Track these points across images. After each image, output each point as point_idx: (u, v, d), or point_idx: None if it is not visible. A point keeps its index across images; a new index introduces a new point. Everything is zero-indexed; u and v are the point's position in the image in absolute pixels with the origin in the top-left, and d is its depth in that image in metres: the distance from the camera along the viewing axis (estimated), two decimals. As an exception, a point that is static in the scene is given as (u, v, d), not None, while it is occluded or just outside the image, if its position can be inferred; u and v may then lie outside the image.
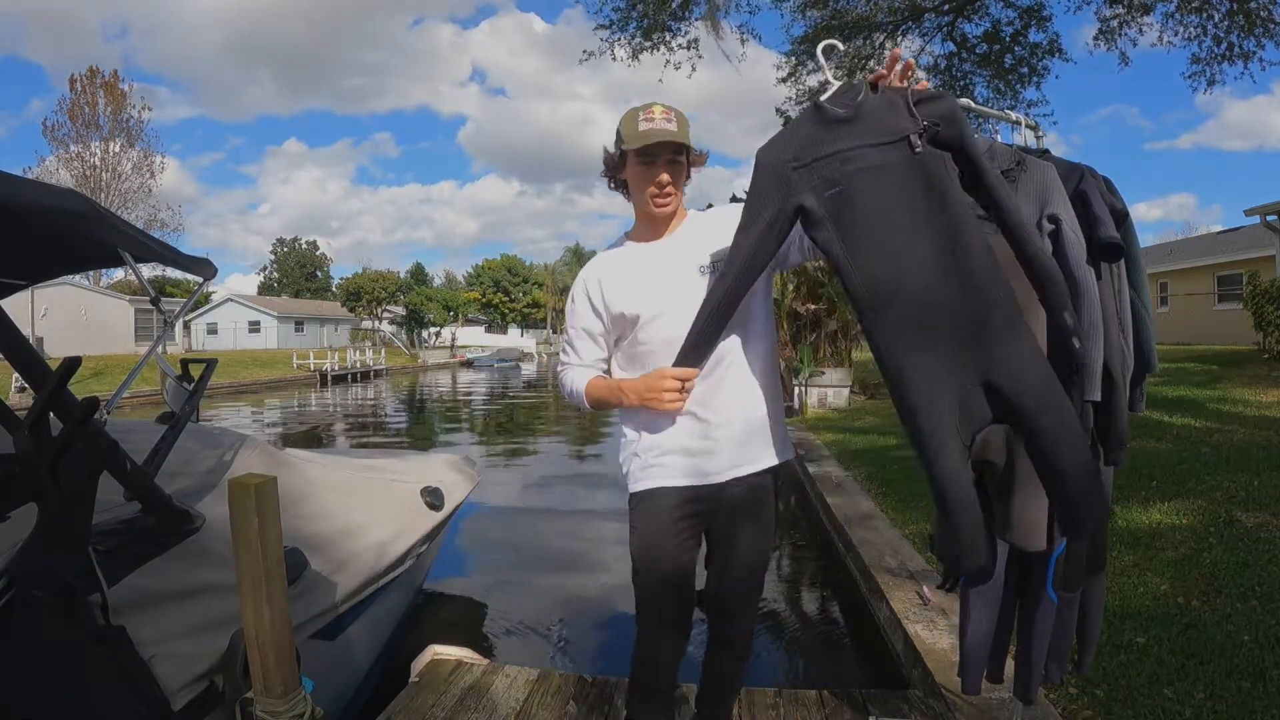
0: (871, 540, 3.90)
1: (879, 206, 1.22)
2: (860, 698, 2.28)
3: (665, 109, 1.51)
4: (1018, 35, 10.49)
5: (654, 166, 1.51)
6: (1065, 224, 1.47)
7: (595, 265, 1.67)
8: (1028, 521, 1.49)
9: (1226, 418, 5.76)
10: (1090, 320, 1.44)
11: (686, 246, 1.59)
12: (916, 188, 1.21)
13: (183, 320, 18.55)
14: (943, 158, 1.23)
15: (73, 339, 23.00)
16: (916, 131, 1.21)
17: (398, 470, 3.46)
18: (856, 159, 1.23)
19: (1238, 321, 12.95)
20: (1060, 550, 1.60)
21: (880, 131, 1.22)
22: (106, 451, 1.60)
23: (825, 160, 1.25)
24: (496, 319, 64.02)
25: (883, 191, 1.22)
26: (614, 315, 1.59)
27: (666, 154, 1.51)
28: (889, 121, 1.23)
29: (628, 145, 1.51)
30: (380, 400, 20.57)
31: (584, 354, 1.66)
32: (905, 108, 1.23)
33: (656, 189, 1.53)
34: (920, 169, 1.21)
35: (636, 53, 10.97)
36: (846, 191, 1.23)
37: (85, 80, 35.29)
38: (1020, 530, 1.50)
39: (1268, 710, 1.93)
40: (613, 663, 3.07)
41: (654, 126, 1.48)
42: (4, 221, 1.43)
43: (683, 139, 1.49)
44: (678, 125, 1.50)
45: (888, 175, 1.22)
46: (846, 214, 1.23)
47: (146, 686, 1.55)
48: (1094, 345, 1.44)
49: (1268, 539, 3.08)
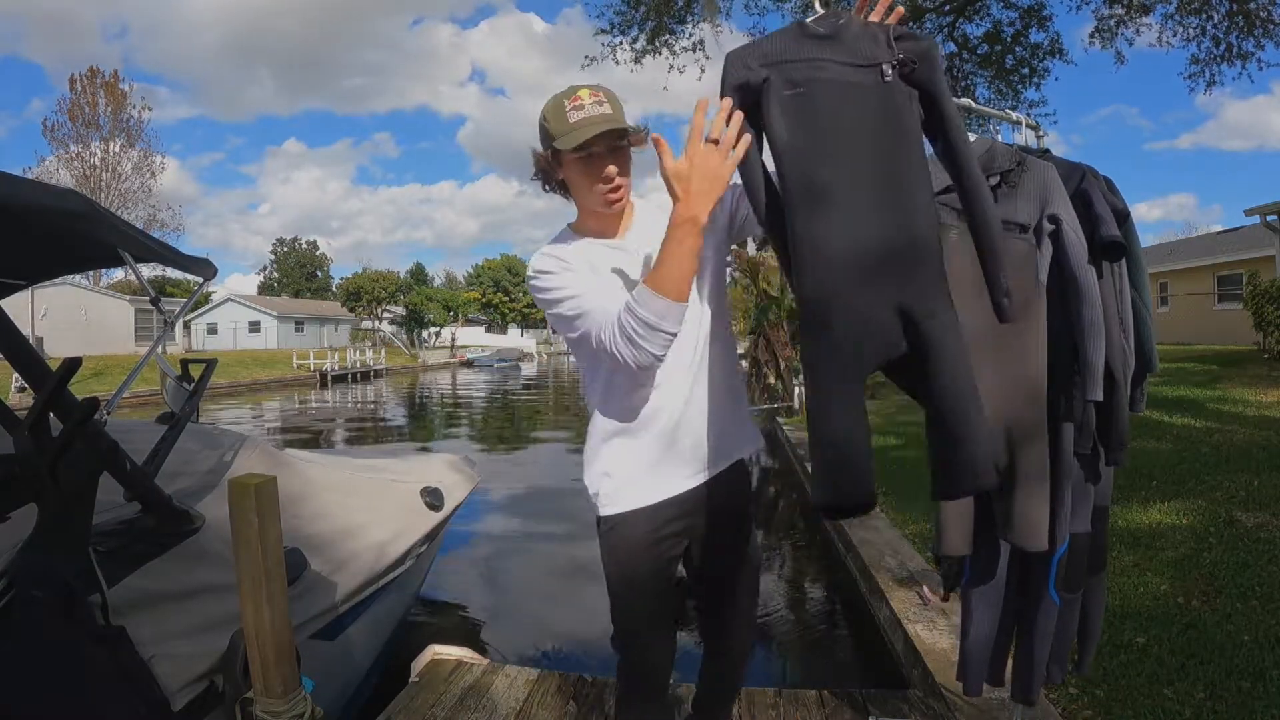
0: (871, 540, 3.90)
1: (835, 118, 1.20)
2: (860, 698, 2.28)
3: (593, 90, 1.31)
4: (1018, 36, 10.50)
5: (596, 161, 1.31)
6: (1066, 224, 1.48)
7: (555, 251, 1.39)
8: (1029, 521, 1.49)
9: (1226, 418, 5.76)
10: (1090, 319, 1.44)
11: (641, 251, 1.39)
12: (876, 115, 1.20)
13: (183, 320, 18.54)
14: (910, 94, 1.22)
15: (73, 339, 23.00)
16: (890, 62, 1.20)
17: (397, 470, 3.46)
18: (825, 70, 1.22)
19: (1238, 321, 12.95)
20: (1062, 551, 1.60)
21: (854, 54, 1.22)
22: (106, 452, 1.60)
23: (794, 64, 1.22)
24: (496, 319, 64.01)
25: (843, 107, 1.21)
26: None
27: (607, 143, 1.29)
28: (865, 48, 1.23)
29: (560, 144, 1.28)
30: (380, 400, 20.56)
31: (602, 306, 1.30)
32: (884, 40, 1.23)
33: (605, 184, 1.32)
34: (885, 99, 1.21)
35: (639, 57, 10.94)
36: (808, 94, 1.21)
37: (86, 80, 35.33)
38: (1021, 530, 1.50)
39: (1268, 710, 1.93)
40: (613, 662, 3.07)
41: (586, 115, 1.27)
42: (4, 221, 1.43)
43: (621, 122, 1.30)
44: (612, 108, 1.30)
45: (852, 94, 1.21)
46: (804, 113, 1.21)
47: (146, 686, 1.55)
48: (1095, 344, 1.45)
49: (1268, 539, 3.08)
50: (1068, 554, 1.60)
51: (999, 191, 1.56)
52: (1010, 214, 1.53)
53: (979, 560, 1.69)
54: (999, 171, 1.57)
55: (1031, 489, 1.49)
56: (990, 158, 1.59)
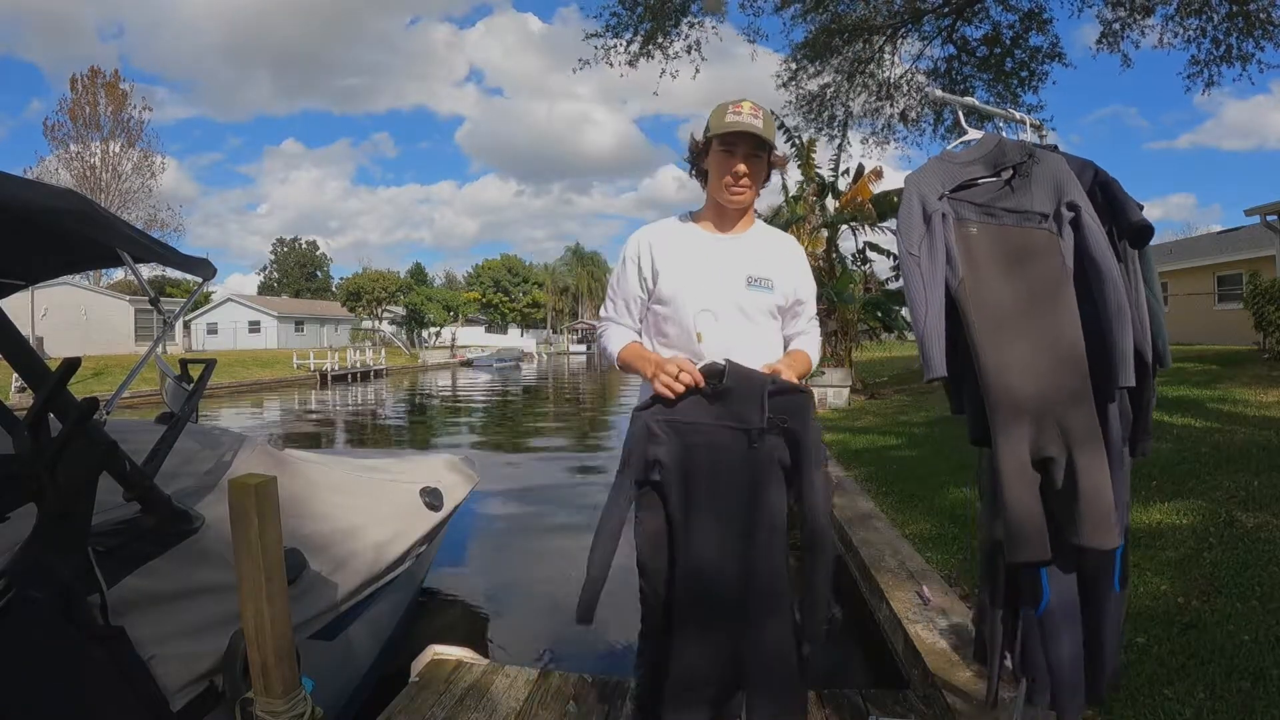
0: (871, 540, 3.90)
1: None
2: (860, 698, 2.27)
3: (754, 106, 1.57)
4: (1018, 39, 10.48)
5: (734, 156, 1.57)
6: (1084, 210, 1.48)
7: (652, 231, 1.71)
8: (1099, 516, 1.39)
9: (1226, 418, 5.76)
10: (1117, 303, 1.41)
11: (745, 252, 1.64)
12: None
13: (182, 320, 18.54)
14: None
15: (73, 339, 23.02)
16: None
17: (397, 470, 3.46)
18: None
19: (1238, 321, 12.94)
20: (1123, 544, 1.54)
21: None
22: (106, 451, 1.60)
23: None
24: (496, 319, 64.00)
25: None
26: (655, 283, 1.64)
27: (747, 146, 1.57)
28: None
29: (712, 132, 1.57)
30: (380, 400, 20.56)
31: (626, 315, 1.72)
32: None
33: (733, 178, 1.58)
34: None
35: (633, 60, 10.90)
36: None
37: (87, 80, 35.34)
38: (1092, 527, 1.39)
39: (1268, 710, 1.92)
40: (614, 662, 3.07)
41: (741, 119, 1.54)
42: (4, 221, 1.43)
43: (767, 135, 1.55)
44: (764, 123, 1.56)
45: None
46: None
47: (146, 687, 1.55)
48: (1122, 328, 1.41)
49: (1268, 539, 3.07)
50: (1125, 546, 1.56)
51: (1013, 183, 1.55)
52: (1028, 204, 1.52)
53: (1054, 575, 1.54)
54: (1010, 165, 1.57)
55: (1094, 479, 1.39)
56: (1000, 152, 1.59)
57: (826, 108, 12.02)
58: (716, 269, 1.62)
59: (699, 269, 1.62)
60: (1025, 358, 1.45)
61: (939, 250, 1.48)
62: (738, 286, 1.61)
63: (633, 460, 1.47)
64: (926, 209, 1.52)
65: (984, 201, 1.55)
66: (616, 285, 1.73)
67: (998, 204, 1.53)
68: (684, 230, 1.70)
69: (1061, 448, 1.43)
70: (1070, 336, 1.45)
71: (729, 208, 1.65)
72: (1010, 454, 1.42)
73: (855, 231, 13.20)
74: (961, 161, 1.61)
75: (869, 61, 11.37)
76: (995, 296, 1.48)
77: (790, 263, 1.70)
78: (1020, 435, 1.43)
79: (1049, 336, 1.46)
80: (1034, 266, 1.48)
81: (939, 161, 1.62)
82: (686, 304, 1.61)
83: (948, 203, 1.54)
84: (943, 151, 1.69)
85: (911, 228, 1.51)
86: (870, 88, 11.86)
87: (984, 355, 1.45)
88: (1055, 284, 1.47)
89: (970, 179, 1.58)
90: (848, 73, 11.44)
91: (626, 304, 1.71)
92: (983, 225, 1.54)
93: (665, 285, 1.63)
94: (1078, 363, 1.44)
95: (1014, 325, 1.47)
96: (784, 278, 1.66)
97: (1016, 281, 1.49)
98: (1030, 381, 1.44)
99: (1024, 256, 1.50)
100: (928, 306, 1.45)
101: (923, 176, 1.59)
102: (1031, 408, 1.43)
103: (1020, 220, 1.51)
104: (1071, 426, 1.43)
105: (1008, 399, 1.43)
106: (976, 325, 1.46)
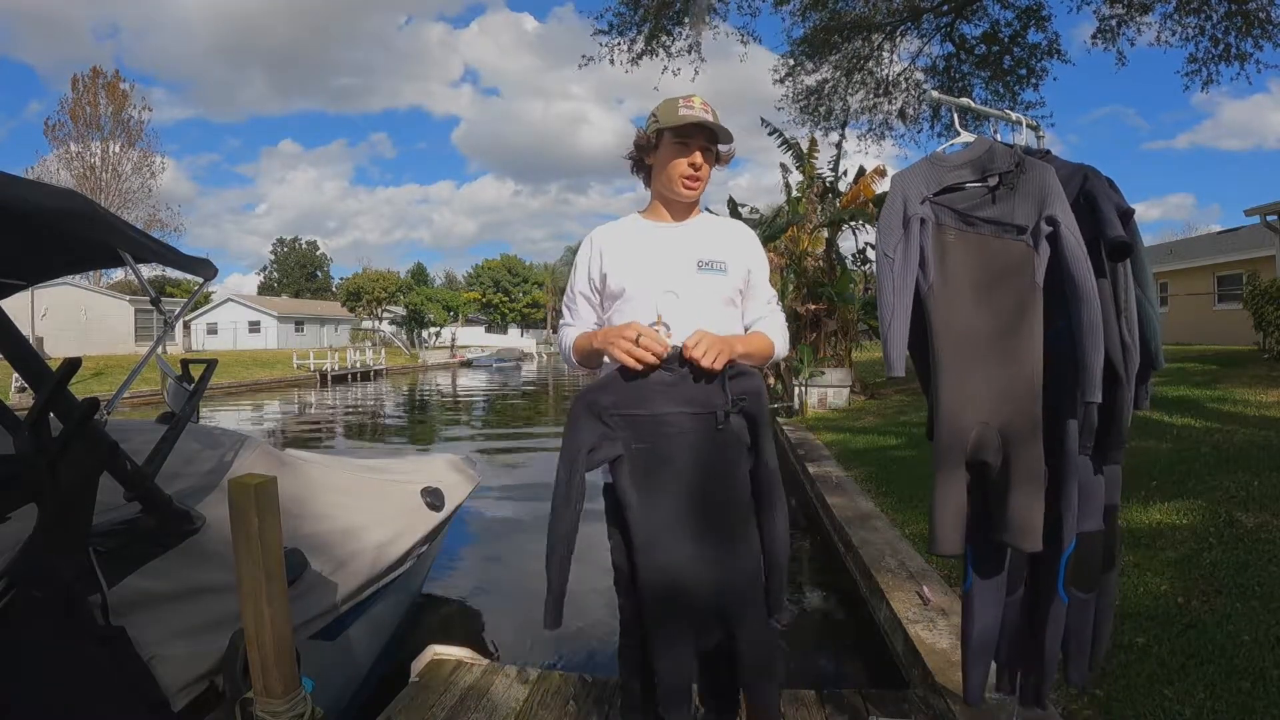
0: (871, 540, 3.90)
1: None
2: (860, 698, 2.28)
3: (704, 102, 1.58)
4: (1016, 36, 10.47)
5: (689, 148, 1.57)
6: (1063, 225, 1.48)
7: (600, 232, 1.71)
8: (1024, 523, 1.49)
9: (1226, 418, 5.76)
10: (1089, 321, 1.44)
11: (693, 238, 1.63)
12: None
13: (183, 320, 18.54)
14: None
15: (73, 339, 23.04)
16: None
17: (398, 471, 3.46)
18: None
19: (1238, 321, 12.94)
20: (1070, 550, 1.58)
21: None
22: (106, 452, 1.60)
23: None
24: (496, 319, 64.00)
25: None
26: (604, 284, 1.63)
27: (703, 139, 1.57)
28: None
29: (664, 124, 1.55)
30: (380, 400, 20.56)
31: (581, 317, 1.70)
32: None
33: (691, 168, 1.58)
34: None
35: (636, 59, 10.95)
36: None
37: (88, 80, 35.36)
38: (1016, 531, 1.49)
39: (1268, 710, 1.92)
40: (614, 662, 3.06)
41: (694, 113, 1.54)
42: (4, 221, 1.43)
43: (719, 129, 1.55)
44: (714, 119, 1.57)
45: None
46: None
47: (146, 687, 1.55)
48: (1093, 346, 1.44)
49: (1268, 539, 3.07)
50: (1076, 552, 1.59)
51: (997, 193, 1.56)
52: (1009, 215, 1.53)
53: (979, 560, 1.69)
54: (998, 172, 1.57)
55: (1026, 490, 1.49)
56: (990, 158, 1.59)
57: (824, 103, 12.03)
58: (665, 255, 1.59)
59: (647, 257, 1.60)
60: (980, 381, 1.53)
61: (913, 255, 1.54)
62: (688, 271, 1.57)
63: (571, 451, 1.44)
64: (907, 212, 1.56)
65: (964, 209, 1.57)
66: (571, 290, 1.72)
67: (977, 212, 1.56)
68: (631, 226, 1.68)
69: (999, 455, 1.51)
70: (1029, 359, 1.50)
71: (679, 201, 1.63)
72: (945, 472, 1.54)
73: (855, 231, 13.20)
74: (951, 165, 1.62)
75: (867, 59, 11.37)
76: (962, 317, 1.55)
77: (742, 244, 1.66)
78: (959, 454, 1.53)
79: (1008, 356, 1.51)
80: (1004, 284, 1.52)
81: (928, 163, 1.64)
82: (638, 293, 1.57)
83: (930, 206, 1.57)
84: (934, 153, 1.70)
85: (890, 230, 1.56)
86: (868, 85, 11.87)
87: (942, 374, 1.55)
88: (1022, 304, 1.50)
89: (957, 182, 1.59)
90: (846, 69, 11.45)
91: (581, 307, 1.69)
92: (960, 233, 1.56)
93: (615, 280, 1.60)
94: (1030, 382, 1.50)
95: (974, 348, 1.53)
96: (736, 259, 1.62)
97: (983, 300, 1.54)
98: (984, 403, 1.52)
99: (996, 272, 1.54)
100: (894, 312, 1.53)
101: (909, 177, 1.61)
102: (979, 420, 1.52)
103: (998, 231, 1.53)
104: (1013, 437, 1.50)
105: (953, 424, 1.54)
106: (940, 340, 1.55)
